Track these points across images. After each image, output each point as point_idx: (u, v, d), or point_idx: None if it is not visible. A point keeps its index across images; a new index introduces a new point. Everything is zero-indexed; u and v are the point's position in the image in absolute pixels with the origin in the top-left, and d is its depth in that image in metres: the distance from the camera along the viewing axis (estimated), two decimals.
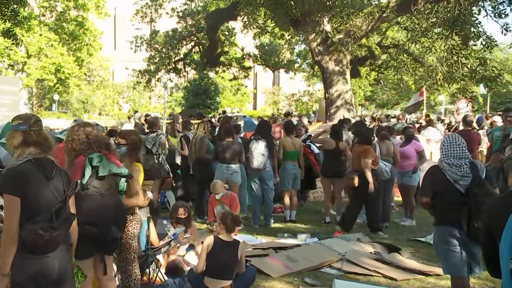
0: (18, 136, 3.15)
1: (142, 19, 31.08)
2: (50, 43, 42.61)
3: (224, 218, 5.07)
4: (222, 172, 8.22)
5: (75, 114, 47.27)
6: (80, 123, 4.26)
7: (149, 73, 31.00)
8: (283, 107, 56.29)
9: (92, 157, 3.83)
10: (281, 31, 20.14)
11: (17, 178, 2.96)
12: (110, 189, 3.89)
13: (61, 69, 43.01)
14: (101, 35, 47.37)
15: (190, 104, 34.61)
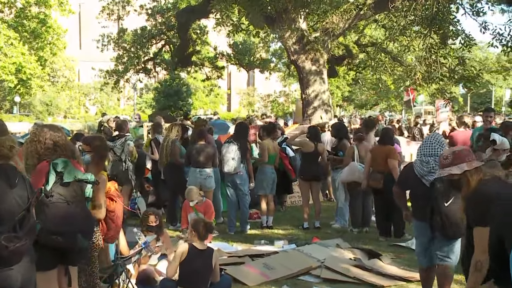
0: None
1: (109, 17, 30.74)
2: (9, 41, 41.78)
3: (196, 225, 5.07)
4: (195, 177, 8.21)
5: (38, 117, 46.45)
6: (48, 125, 4.17)
7: (117, 73, 30.69)
8: (258, 109, 56.41)
9: (57, 163, 3.73)
10: (255, 29, 20.20)
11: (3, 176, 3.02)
12: (76, 196, 3.81)
13: (22, 69, 42.19)
14: (65, 33, 46.70)
15: (161, 106, 34.39)
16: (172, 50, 29.17)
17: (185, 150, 8.76)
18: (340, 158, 8.78)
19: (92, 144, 4.72)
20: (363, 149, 8.44)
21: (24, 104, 50.67)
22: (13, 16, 43.41)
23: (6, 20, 42.92)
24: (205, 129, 9.26)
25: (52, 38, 45.13)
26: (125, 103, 66.00)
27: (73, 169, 3.81)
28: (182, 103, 35.01)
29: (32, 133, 4.00)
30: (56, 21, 44.57)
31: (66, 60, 54.60)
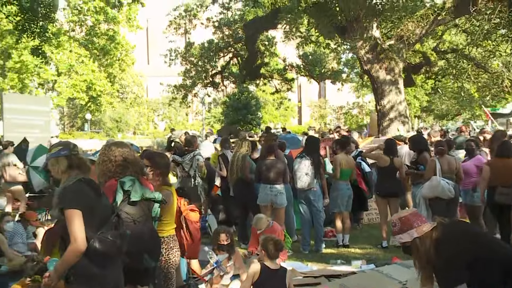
0: (63, 161, 3.53)
1: (176, 31, 31.72)
2: (80, 59, 44.16)
3: (266, 244, 5.05)
4: (266, 194, 8.24)
5: (108, 133, 48.45)
6: (116, 142, 4.35)
7: (185, 88, 31.55)
8: (330, 121, 56.07)
9: (124, 181, 3.87)
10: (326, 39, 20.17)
11: (75, 194, 3.31)
12: (143, 215, 3.91)
13: (93, 87, 44.38)
14: (133, 49, 48.74)
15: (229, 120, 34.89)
16: (240, 62, 29.62)
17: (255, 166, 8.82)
18: (421, 172, 8.55)
19: (153, 160, 4.81)
20: (446, 162, 8.18)
21: (95, 121, 52.99)
22: (84, 34, 45.81)
23: (77, 38, 45.39)
24: (275, 144, 9.29)
25: (120, 54, 47.21)
26: (194, 118, 67.71)
27: (141, 188, 3.93)
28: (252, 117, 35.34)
29: (102, 153, 4.18)
30: (124, 38, 46.59)
31: (135, 76, 56.81)
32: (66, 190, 3.37)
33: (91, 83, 44.21)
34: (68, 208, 3.26)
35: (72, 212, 3.24)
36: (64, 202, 3.31)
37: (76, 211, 3.24)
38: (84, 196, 3.33)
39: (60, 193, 3.41)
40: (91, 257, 3.23)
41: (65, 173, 3.52)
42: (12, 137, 13.90)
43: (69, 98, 45.77)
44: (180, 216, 5.24)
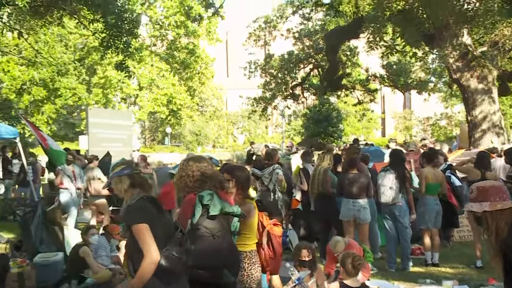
0: (125, 180, 3.78)
1: (256, 43, 32.21)
2: (161, 73, 45.86)
3: (344, 261, 5.01)
4: (349, 208, 8.19)
5: (188, 147, 49.76)
6: (194, 157, 4.45)
7: (264, 100, 31.87)
8: (416, 133, 54.62)
9: (203, 195, 3.93)
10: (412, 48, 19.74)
11: (139, 210, 3.51)
12: (222, 230, 3.96)
13: (173, 100, 45.89)
14: (213, 62, 49.99)
15: (310, 133, 34.88)
16: (321, 73, 29.60)
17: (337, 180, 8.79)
18: None
19: (233, 174, 4.87)
20: None
21: (175, 135, 54.61)
22: (165, 48, 47.57)
23: (158, 52, 47.20)
24: (357, 157, 9.22)
25: (200, 67, 48.57)
26: (273, 130, 68.18)
27: (219, 202, 3.98)
28: (333, 129, 35.16)
29: (180, 168, 4.29)
30: (204, 51, 47.92)
31: (214, 89, 58.15)
32: (130, 208, 3.57)
33: (172, 97, 45.72)
34: (134, 223, 3.45)
35: (139, 226, 3.43)
36: (130, 219, 3.51)
37: (143, 225, 3.42)
38: (147, 212, 3.52)
39: (124, 211, 3.63)
40: (158, 274, 3.38)
41: (127, 191, 3.75)
42: (97, 151, 14.60)
43: (150, 112, 47.51)
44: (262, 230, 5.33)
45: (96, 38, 13.67)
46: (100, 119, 18.73)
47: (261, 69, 32.19)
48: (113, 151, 15.21)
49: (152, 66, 45.75)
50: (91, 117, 18.61)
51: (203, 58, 47.67)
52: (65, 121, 50.05)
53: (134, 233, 3.45)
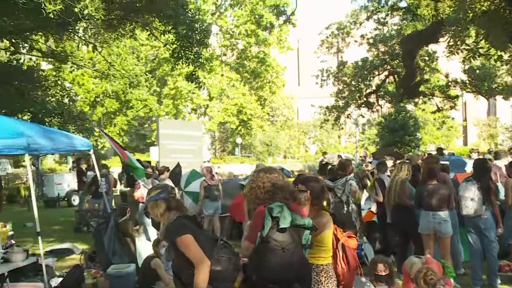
0: (161, 204, 3.99)
1: (328, 50, 32.16)
2: (231, 83, 46.56)
3: (416, 278, 4.90)
4: (428, 221, 7.99)
5: (259, 157, 50.10)
6: (264, 168, 4.48)
7: (337, 109, 31.68)
8: (502, 141, 52.49)
9: (272, 207, 3.93)
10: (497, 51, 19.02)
11: (180, 225, 3.76)
12: (293, 243, 3.94)
13: (243, 110, 46.43)
14: (284, 70, 50.23)
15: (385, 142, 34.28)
16: (397, 80, 29.09)
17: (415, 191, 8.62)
18: None
19: (308, 185, 4.86)
20: None
21: (245, 145, 55.16)
22: (235, 58, 48.30)
23: (229, 62, 47.98)
24: (437, 167, 8.99)
25: (271, 76, 48.93)
26: (347, 140, 67.52)
27: (289, 214, 3.96)
28: (409, 138, 34.39)
29: (250, 180, 4.34)
30: (275, 59, 48.25)
31: (285, 98, 58.34)
32: (169, 226, 3.77)
33: (242, 107, 46.27)
34: (178, 236, 3.65)
35: (183, 238, 3.64)
36: (172, 234, 3.71)
37: (187, 236, 3.64)
38: (188, 226, 3.75)
39: (165, 230, 3.82)
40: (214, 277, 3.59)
41: (164, 215, 3.95)
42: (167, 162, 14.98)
43: (220, 122, 48.26)
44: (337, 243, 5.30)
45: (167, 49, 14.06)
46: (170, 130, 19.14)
47: (334, 77, 32.05)
48: (183, 162, 15.54)
49: (222, 76, 46.53)
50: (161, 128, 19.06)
51: (274, 67, 47.99)
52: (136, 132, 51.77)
53: (180, 246, 3.66)
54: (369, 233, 10.12)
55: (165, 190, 4.04)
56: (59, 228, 15.09)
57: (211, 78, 45.34)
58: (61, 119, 14.58)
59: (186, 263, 3.62)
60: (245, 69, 47.38)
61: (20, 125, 8.01)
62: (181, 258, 3.66)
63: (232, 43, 47.76)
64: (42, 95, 15.19)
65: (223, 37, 47.34)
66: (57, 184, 22.54)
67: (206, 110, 48.20)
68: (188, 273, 3.59)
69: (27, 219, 14.99)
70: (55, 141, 8.32)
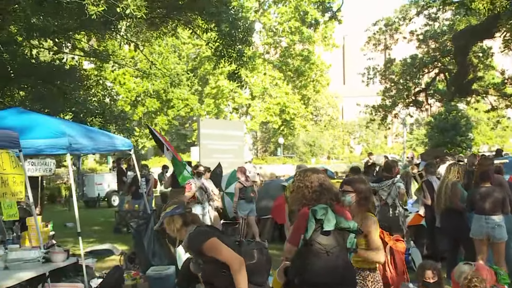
0: (178, 220, 4.02)
1: (375, 47, 31.90)
2: (274, 82, 46.61)
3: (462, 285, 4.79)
4: (481, 226, 7.82)
5: (302, 158, 49.99)
6: (310, 168, 4.49)
7: (384, 108, 31.38)
8: None
9: (316, 210, 3.91)
10: None
11: (202, 232, 3.82)
12: (337, 246, 3.92)
13: (286, 109, 46.42)
14: (329, 68, 50.01)
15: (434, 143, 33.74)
16: (448, 78, 28.62)
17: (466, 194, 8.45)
18: None
19: (354, 186, 4.83)
20: None
21: (288, 146, 55.09)
22: (278, 56, 48.33)
23: (272, 60, 48.05)
24: (490, 169, 8.78)
25: (315, 75, 48.80)
26: (393, 140, 66.71)
27: (334, 216, 3.94)
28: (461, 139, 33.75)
29: (297, 179, 4.29)
30: (319, 57, 48.08)
31: (330, 97, 58.05)
32: (191, 236, 3.81)
33: (285, 106, 46.27)
34: (204, 241, 3.69)
35: (209, 242, 3.68)
36: (197, 242, 3.74)
37: (213, 239, 3.69)
38: (209, 232, 3.82)
39: (187, 242, 3.85)
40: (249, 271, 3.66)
41: (180, 230, 3.99)
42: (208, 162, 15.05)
43: (262, 122, 48.37)
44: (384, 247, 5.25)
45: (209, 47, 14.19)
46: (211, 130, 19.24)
47: (381, 75, 31.78)
48: (224, 162, 15.61)
49: (265, 74, 46.64)
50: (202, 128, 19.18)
51: (318, 65, 47.86)
52: (177, 132, 52.38)
53: (208, 251, 3.68)
54: (416, 238, 9.98)
55: (181, 205, 4.09)
56: (99, 229, 15.39)
57: (253, 77, 45.51)
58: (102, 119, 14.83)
59: (218, 266, 3.65)
60: (289, 67, 47.38)
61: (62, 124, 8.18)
62: (211, 264, 3.68)
63: (276, 40, 47.83)
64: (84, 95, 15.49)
65: (266, 34, 47.46)
66: (97, 184, 23.02)
67: (248, 109, 48.39)
68: (222, 276, 3.61)
69: (67, 219, 15.34)
70: (96, 141, 8.48)
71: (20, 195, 6.54)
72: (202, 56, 44.49)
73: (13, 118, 7.91)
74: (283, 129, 48.97)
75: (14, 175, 6.41)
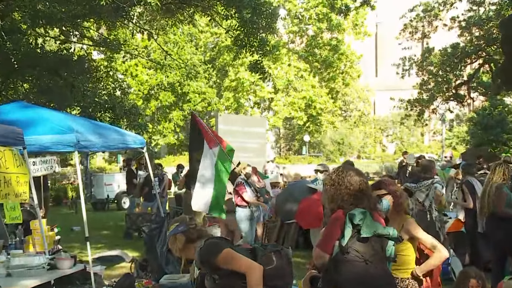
0: (180, 238, 4.06)
1: (412, 36, 31.63)
2: (299, 73, 46.47)
3: None
4: None
5: (329, 157, 49.81)
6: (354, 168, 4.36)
7: (421, 102, 31.14)
8: None
9: (354, 214, 3.86)
10: None
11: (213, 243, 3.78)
12: (376, 254, 3.88)
13: (312, 104, 46.26)
14: (360, 59, 49.71)
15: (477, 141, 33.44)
16: (494, 69, 28.26)
17: None
18: None
19: (388, 188, 4.81)
20: None
21: (314, 144, 54.91)
22: (304, 45, 48.16)
23: (297, 50, 47.90)
24: None
25: (344, 66, 48.56)
26: (431, 138, 66.14)
27: (372, 222, 3.89)
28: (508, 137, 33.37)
29: (337, 175, 4.16)
30: (349, 47, 47.81)
31: (360, 91, 57.72)
32: (202, 251, 3.74)
33: (311, 100, 46.10)
34: (218, 254, 3.64)
35: (224, 253, 3.64)
36: (209, 256, 3.69)
37: (226, 250, 3.64)
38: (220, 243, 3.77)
39: (198, 258, 3.79)
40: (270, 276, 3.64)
41: (183, 250, 4.04)
42: None
43: (286, 117, 48.25)
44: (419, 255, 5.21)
45: (229, 36, 14.18)
46: (230, 126, 19.27)
47: (418, 66, 31.54)
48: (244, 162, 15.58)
49: (290, 65, 46.54)
50: (221, 123, 19.23)
51: (348, 55, 47.61)
52: None
53: (222, 264, 3.64)
54: (456, 246, 9.89)
55: (183, 223, 4.12)
56: (108, 233, 15.50)
57: (277, 68, 45.43)
58: (112, 114, 14.91)
59: (236, 278, 3.61)
60: (316, 58, 47.22)
61: (69, 120, 8.24)
62: (228, 277, 3.64)
63: (301, 28, 47.72)
64: (93, 88, 15.59)
65: (291, 22, 47.37)
66: (106, 184, 23.17)
67: (271, 104, 48.36)
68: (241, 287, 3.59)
69: (74, 223, 15.49)
70: (106, 137, 8.53)
71: (24, 196, 6.59)
72: (221, 45, 44.56)
73: (16, 113, 7.99)
74: (309, 125, 48.83)
75: (18, 174, 6.47)
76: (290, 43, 48.73)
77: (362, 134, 59.33)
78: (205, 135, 9.46)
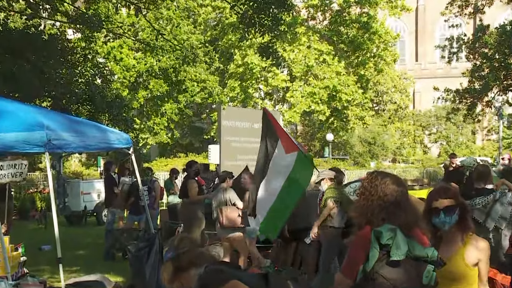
0: (167, 267, 4.07)
1: (461, 11, 31.43)
2: (321, 58, 46.29)
3: None
4: None
5: (357, 161, 49.67)
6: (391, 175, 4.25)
7: (472, 93, 30.97)
8: None
9: (381, 231, 3.81)
10: None
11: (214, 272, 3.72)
12: (409, 281, 3.81)
13: (337, 95, 46.03)
14: (396, 40, 49.52)
15: None
16: None
17: None
18: None
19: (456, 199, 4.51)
20: None
21: (339, 144, 54.78)
22: (327, 23, 47.97)
23: (318, 29, 47.71)
24: None
25: (377, 48, 48.36)
26: (484, 137, 65.78)
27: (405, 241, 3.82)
28: None
29: (369, 181, 4.13)
30: (383, 25, 47.58)
31: (396, 79, 57.55)
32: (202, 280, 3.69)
33: (335, 91, 45.86)
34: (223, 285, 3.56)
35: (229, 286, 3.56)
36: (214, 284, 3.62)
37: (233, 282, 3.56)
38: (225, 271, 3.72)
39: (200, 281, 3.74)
40: None
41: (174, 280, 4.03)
42: (231, 166, 15.02)
43: (304, 111, 48.07)
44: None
45: (235, 12, 14.10)
46: (236, 122, 19.24)
47: (469, 48, 31.34)
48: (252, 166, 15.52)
49: (309, 48, 46.40)
50: (224, 119, 19.21)
51: (382, 35, 47.39)
52: (191, 125, 52.44)
53: None
54: None
55: (171, 247, 4.12)
56: (85, 253, 15.50)
57: (293, 51, 45.35)
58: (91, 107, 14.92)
59: None
60: (341, 38, 47.10)
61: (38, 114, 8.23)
62: None
63: (324, 2, 47.61)
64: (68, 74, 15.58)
65: None
66: (84, 193, 23.15)
67: (286, 94, 48.21)
68: None
69: (44, 241, 15.51)
70: (84, 135, 8.51)
71: None
72: (225, 23, 44.55)
73: None
74: (333, 121, 48.68)
75: None
76: (310, 20, 48.63)
77: (398, 132, 59.19)
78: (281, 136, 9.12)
